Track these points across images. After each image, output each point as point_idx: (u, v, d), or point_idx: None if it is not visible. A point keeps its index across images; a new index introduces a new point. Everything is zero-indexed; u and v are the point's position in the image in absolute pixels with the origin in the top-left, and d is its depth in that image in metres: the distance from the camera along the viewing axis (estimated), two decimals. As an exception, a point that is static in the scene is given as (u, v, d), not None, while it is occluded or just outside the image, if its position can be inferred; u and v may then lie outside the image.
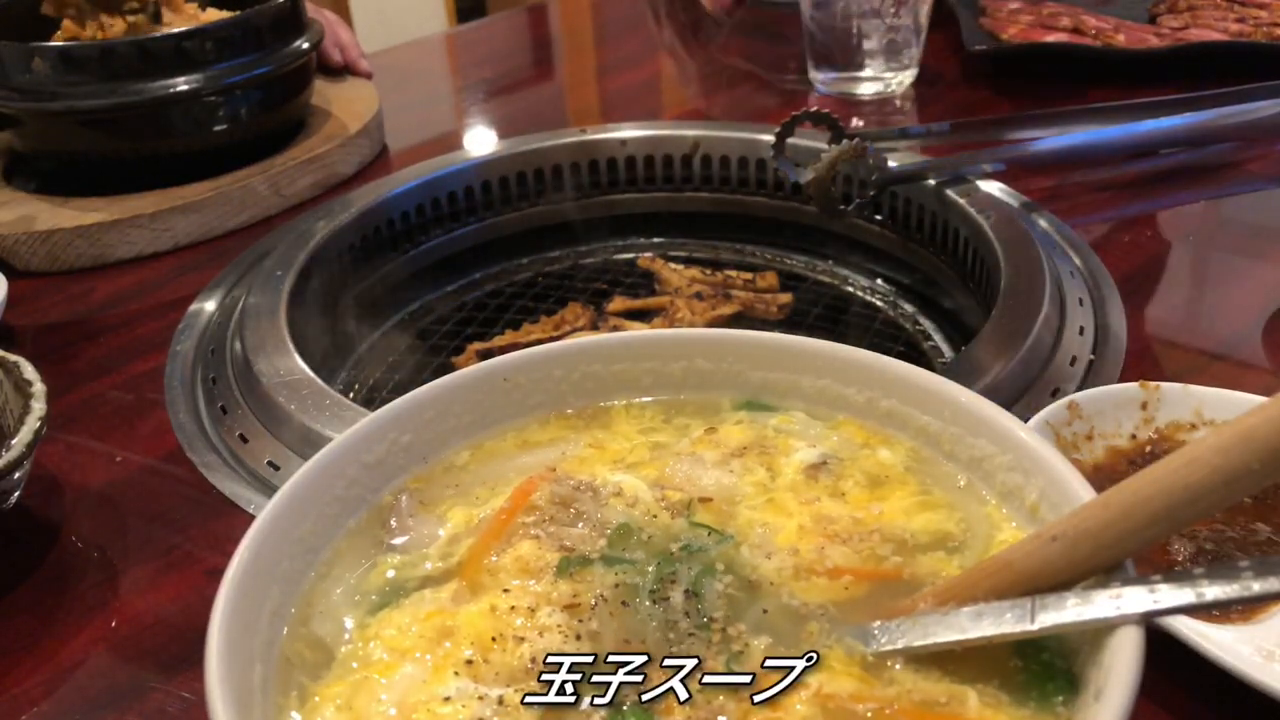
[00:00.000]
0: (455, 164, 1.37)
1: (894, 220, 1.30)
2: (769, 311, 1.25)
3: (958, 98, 1.66)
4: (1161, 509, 0.45)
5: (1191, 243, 1.23)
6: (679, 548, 0.58)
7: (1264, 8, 1.74)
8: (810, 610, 0.54)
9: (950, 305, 1.24)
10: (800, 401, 0.68)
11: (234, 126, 1.40)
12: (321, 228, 1.22)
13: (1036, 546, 0.49)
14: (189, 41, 1.34)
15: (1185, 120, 1.30)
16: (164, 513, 0.88)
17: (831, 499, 0.61)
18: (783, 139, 1.25)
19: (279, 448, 0.91)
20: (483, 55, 2.09)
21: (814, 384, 0.68)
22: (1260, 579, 0.42)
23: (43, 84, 1.31)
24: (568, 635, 0.52)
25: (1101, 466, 0.80)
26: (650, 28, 2.17)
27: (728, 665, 0.51)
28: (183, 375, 1.06)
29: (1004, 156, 1.26)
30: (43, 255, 1.27)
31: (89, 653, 0.75)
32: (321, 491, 0.60)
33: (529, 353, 0.69)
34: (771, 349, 0.69)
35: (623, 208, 1.43)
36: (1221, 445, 0.44)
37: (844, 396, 0.67)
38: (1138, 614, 0.45)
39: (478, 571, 0.57)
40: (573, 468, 0.65)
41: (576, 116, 1.76)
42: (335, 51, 1.71)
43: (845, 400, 0.67)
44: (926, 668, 0.50)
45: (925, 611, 0.52)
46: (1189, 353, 1.01)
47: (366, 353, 1.26)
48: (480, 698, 0.50)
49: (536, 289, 1.36)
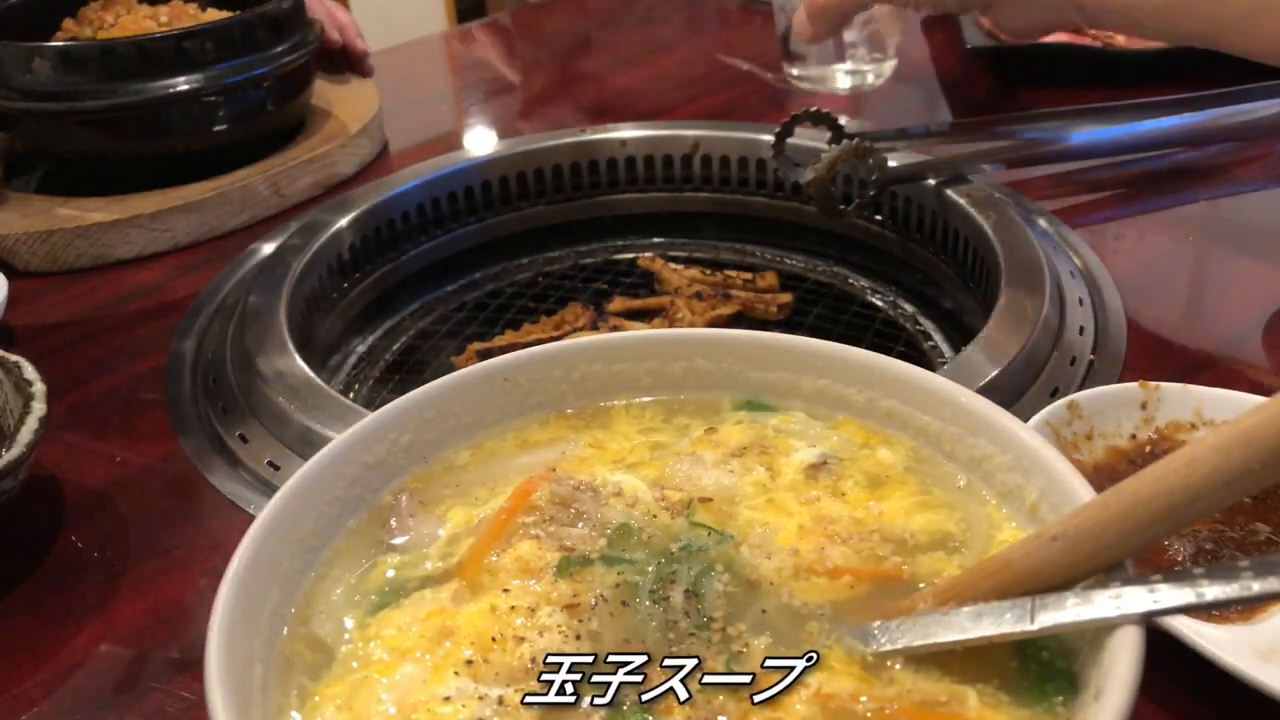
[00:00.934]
0: (455, 164, 1.37)
1: (894, 220, 1.30)
2: (769, 311, 1.25)
3: (958, 98, 1.66)
4: (1161, 509, 0.45)
5: (1191, 243, 1.23)
6: (679, 548, 0.58)
7: (1264, 7, 1.74)
8: (810, 610, 0.54)
9: (950, 305, 1.24)
10: (800, 401, 0.68)
11: (234, 126, 1.40)
12: (321, 228, 1.22)
13: (1036, 546, 0.49)
14: (189, 41, 1.34)
15: (1185, 120, 1.30)
16: (164, 513, 0.88)
17: (831, 499, 0.61)
18: (783, 139, 1.25)
19: (279, 448, 0.91)
20: (483, 55, 2.09)
21: (814, 384, 0.68)
22: (1260, 579, 0.42)
23: (43, 84, 1.31)
24: (568, 635, 0.52)
25: (1101, 466, 0.80)
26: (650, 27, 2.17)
27: (728, 665, 0.51)
28: (183, 375, 1.06)
29: (1004, 156, 1.26)
30: (43, 255, 1.27)
31: (89, 653, 0.75)
32: (321, 491, 0.60)
33: (529, 353, 0.69)
34: (771, 349, 0.69)
35: (623, 208, 1.43)
36: (1221, 445, 0.44)
37: (844, 396, 0.67)
38: (1138, 614, 0.45)
39: (478, 571, 0.57)
40: (573, 468, 0.65)
41: (576, 116, 1.76)
42: (335, 32, 1.70)
43: (845, 400, 0.67)
44: (926, 667, 0.50)
45: (925, 611, 0.52)
46: (1189, 352, 1.01)
47: (366, 353, 1.26)
48: (480, 698, 0.50)
49: (536, 289, 1.36)
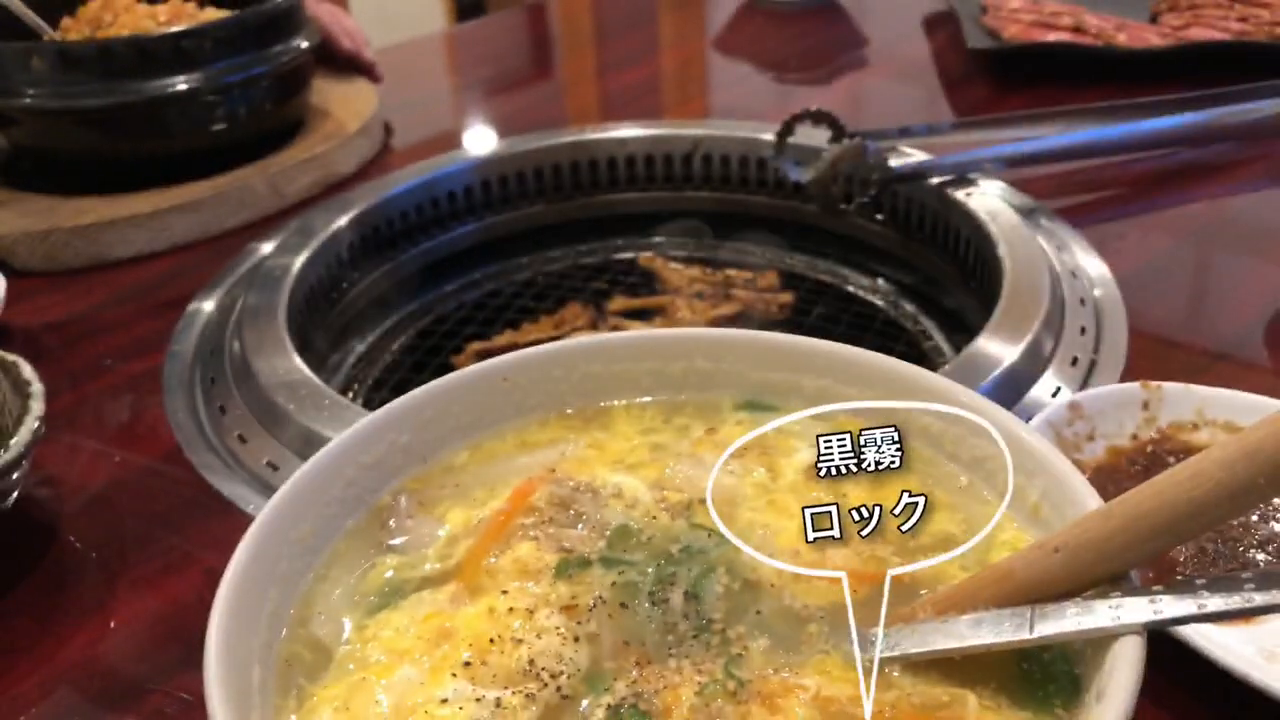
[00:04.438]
0: (455, 164, 1.37)
1: (895, 219, 1.29)
2: (769, 311, 1.25)
3: (958, 97, 1.66)
4: (1164, 522, 0.45)
5: (1192, 242, 1.23)
6: (678, 549, 0.57)
7: (1265, 7, 1.74)
8: (810, 612, 0.54)
9: (951, 305, 1.24)
10: (800, 401, 0.68)
11: (233, 126, 1.40)
12: (321, 227, 1.21)
13: (1038, 557, 0.49)
14: (188, 41, 1.34)
15: (1185, 120, 1.30)
16: (163, 513, 0.88)
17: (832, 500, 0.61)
18: (783, 138, 1.25)
19: (278, 448, 0.91)
20: (483, 55, 2.09)
21: (814, 384, 0.67)
22: (1262, 591, 0.42)
23: (42, 84, 1.31)
24: (566, 637, 0.52)
25: (1103, 467, 0.79)
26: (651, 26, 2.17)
27: (726, 667, 0.51)
28: (181, 375, 1.06)
29: (1005, 156, 1.26)
30: (41, 255, 1.27)
31: (89, 653, 0.75)
32: (320, 492, 0.60)
33: (529, 353, 0.69)
34: (771, 349, 0.68)
35: (623, 208, 1.43)
36: (1226, 460, 0.43)
37: (844, 396, 0.67)
38: (1138, 624, 0.45)
39: (476, 573, 0.57)
40: (572, 469, 0.64)
41: (576, 116, 1.76)
42: (345, 39, 1.70)
43: (845, 400, 0.67)
44: (926, 670, 0.50)
45: (925, 619, 0.51)
46: (1190, 352, 1.01)
47: (366, 353, 1.26)
48: (478, 699, 0.49)
49: (536, 289, 1.36)
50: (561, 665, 0.51)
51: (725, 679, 0.50)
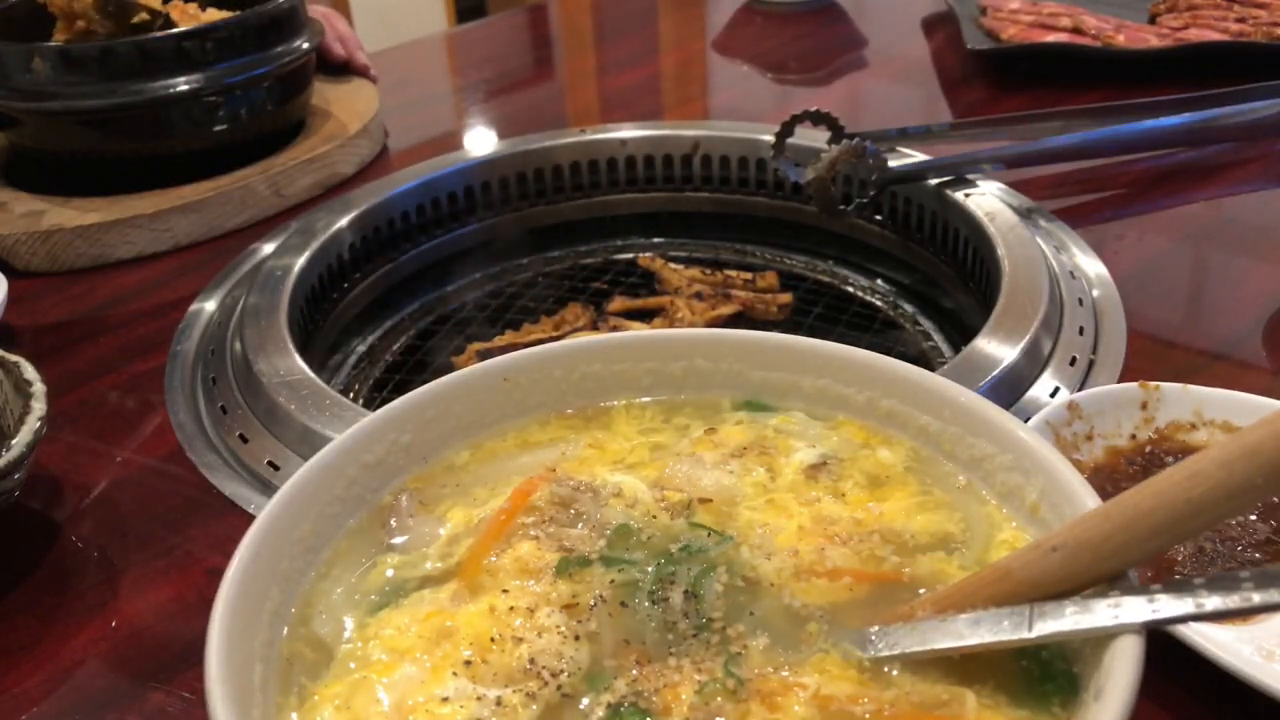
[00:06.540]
0: (455, 164, 1.37)
1: (894, 220, 1.30)
2: (769, 311, 1.25)
3: (957, 98, 1.66)
4: (1163, 522, 0.45)
5: (1190, 243, 1.23)
6: (679, 548, 0.58)
7: (1264, 7, 1.74)
8: (810, 611, 0.54)
9: (950, 305, 1.24)
10: (800, 401, 0.68)
11: (234, 126, 1.40)
12: (321, 228, 1.22)
13: (1037, 556, 0.49)
14: (189, 41, 1.34)
15: (1185, 120, 1.30)
16: (164, 513, 0.88)
17: (831, 499, 0.61)
18: (783, 139, 1.26)
19: (279, 448, 0.91)
20: (483, 55, 2.09)
21: (814, 384, 0.68)
22: (1261, 590, 0.42)
23: (43, 84, 1.31)
24: (566, 636, 0.52)
25: (1101, 467, 0.80)
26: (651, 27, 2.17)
27: (726, 666, 0.51)
28: (183, 375, 1.06)
29: (1004, 156, 1.26)
30: (43, 255, 1.27)
31: (89, 653, 0.75)
32: (321, 491, 0.60)
33: (529, 353, 0.69)
34: (771, 349, 0.69)
35: (623, 208, 1.43)
36: (1225, 459, 0.43)
37: (844, 396, 0.67)
38: (1137, 624, 0.45)
39: (477, 572, 0.57)
40: (572, 468, 0.65)
41: (576, 116, 1.76)
42: (337, 45, 1.71)
43: (845, 400, 0.67)
44: (924, 669, 0.50)
45: (923, 618, 0.51)
46: (1189, 353, 1.01)
47: (366, 353, 1.26)
48: (479, 698, 0.50)
49: (536, 289, 1.36)
50: (562, 664, 0.51)
51: (725, 678, 0.50)
